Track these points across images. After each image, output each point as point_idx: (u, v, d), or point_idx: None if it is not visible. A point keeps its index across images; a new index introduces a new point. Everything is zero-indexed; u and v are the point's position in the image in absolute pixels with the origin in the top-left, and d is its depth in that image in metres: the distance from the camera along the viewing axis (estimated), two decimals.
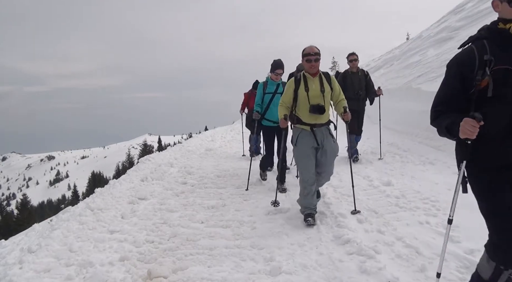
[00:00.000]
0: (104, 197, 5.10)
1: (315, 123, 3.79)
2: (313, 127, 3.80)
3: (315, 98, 3.76)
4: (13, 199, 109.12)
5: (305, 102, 3.78)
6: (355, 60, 6.50)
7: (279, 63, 5.31)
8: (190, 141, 12.70)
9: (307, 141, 3.81)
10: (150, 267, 3.05)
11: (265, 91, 5.40)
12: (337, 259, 3.01)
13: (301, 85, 3.80)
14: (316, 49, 3.71)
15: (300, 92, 3.80)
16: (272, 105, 5.31)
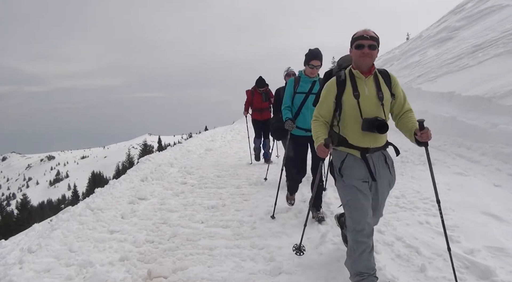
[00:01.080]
0: (104, 197, 5.10)
1: (368, 146, 2.51)
2: (365, 152, 2.52)
3: (371, 108, 2.47)
4: (13, 199, 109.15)
5: (354, 114, 2.49)
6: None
7: (315, 53, 3.89)
8: (190, 141, 12.71)
9: (357, 172, 2.52)
10: (150, 267, 3.05)
11: (297, 90, 4.03)
12: (337, 259, 3.01)
13: (347, 88, 2.52)
14: (372, 32, 2.47)
15: (346, 99, 2.50)
16: (305, 109, 3.99)
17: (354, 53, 2.50)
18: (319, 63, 3.90)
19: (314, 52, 3.90)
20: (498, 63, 7.69)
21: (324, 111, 2.62)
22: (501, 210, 3.60)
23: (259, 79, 7.58)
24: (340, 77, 2.57)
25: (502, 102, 5.86)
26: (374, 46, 2.43)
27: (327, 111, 2.61)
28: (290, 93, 4.08)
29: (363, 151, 2.51)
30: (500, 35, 9.01)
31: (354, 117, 2.48)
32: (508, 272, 2.59)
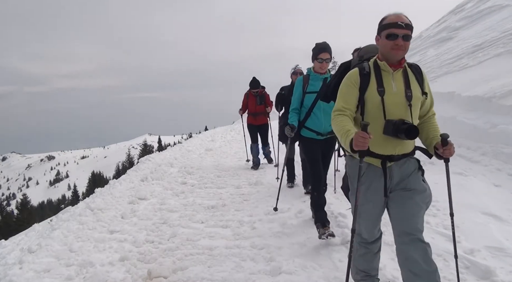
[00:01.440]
0: (104, 197, 5.10)
1: (392, 153, 2.09)
2: (387, 160, 2.10)
3: (397, 108, 2.06)
4: (13, 199, 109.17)
5: (376, 114, 2.08)
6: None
7: (323, 45, 3.49)
8: (190, 141, 12.71)
9: (377, 187, 2.13)
10: (150, 267, 3.05)
11: (306, 89, 3.60)
12: (337, 259, 3.01)
13: (371, 83, 2.09)
14: (407, 19, 2.03)
15: (370, 95, 2.08)
16: (317, 109, 3.55)
17: (383, 44, 2.05)
18: (329, 56, 3.49)
19: (321, 44, 3.51)
20: (498, 63, 7.68)
21: (350, 102, 2.12)
22: (501, 210, 3.60)
23: (252, 80, 6.99)
24: (363, 69, 2.12)
25: (502, 102, 5.86)
26: (409, 36, 2.00)
27: (353, 104, 2.12)
28: (299, 93, 3.63)
29: (384, 159, 2.09)
30: (500, 35, 9.00)
31: (376, 118, 2.06)
32: (508, 272, 2.59)
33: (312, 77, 3.62)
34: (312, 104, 3.57)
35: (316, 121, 3.57)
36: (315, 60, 3.54)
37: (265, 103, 6.97)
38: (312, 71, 3.64)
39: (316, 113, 3.57)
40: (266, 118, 7.10)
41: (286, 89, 5.14)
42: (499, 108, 5.84)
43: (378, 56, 2.14)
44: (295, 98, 3.66)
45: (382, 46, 2.07)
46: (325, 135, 3.58)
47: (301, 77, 3.71)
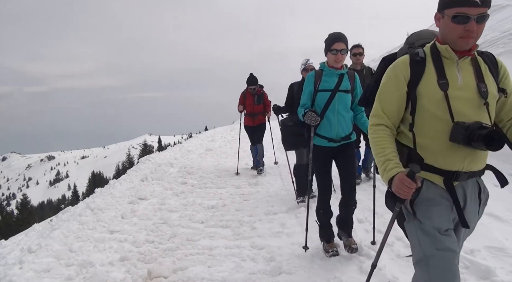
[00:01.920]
0: (104, 197, 5.10)
1: (458, 169, 1.57)
2: (453, 178, 1.58)
3: (467, 107, 1.55)
4: (13, 199, 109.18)
5: (438, 114, 1.56)
6: (360, 54, 4.87)
7: (337, 34, 2.96)
8: (190, 141, 12.71)
9: (440, 211, 1.58)
10: (150, 267, 3.05)
11: (318, 87, 3.03)
12: (338, 260, 3.01)
13: (427, 73, 1.59)
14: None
15: (426, 89, 1.58)
16: (330, 112, 3.00)
17: (449, 28, 1.50)
18: (344, 46, 2.93)
19: (335, 34, 2.96)
20: None
21: (390, 107, 1.64)
22: (501, 210, 3.60)
23: (249, 77, 6.44)
24: (416, 55, 1.61)
25: None
26: (485, 16, 1.45)
27: (395, 108, 1.64)
28: (310, 91, 3.08)
29: (448, 176, 1.56)
30: (500, 35, 9.00)
31: (437, 120, 1.55)
32: (508, 272, 2.59)
33: (326, 72, 3.04)
34: (325, 104, 2.99)
35: (327, 125, 3.01)
36: (329, 52, 2.96)
37: (263, 103, 6.52)
38: (325, 65, 3.06)
39: (328, 116, 3.00)
40: (264, 118, 6.66)
41: (296, 85, 4.60)
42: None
43: (437, 38, 1.62)
44: (306, 96, 3.09)
45: (448, 31, 1.51)
46: (338, 142, 3.02)
47: (313, 72, 3.14)
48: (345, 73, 3.03)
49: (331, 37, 2.96)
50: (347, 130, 3.05)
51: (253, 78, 6.43)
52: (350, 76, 3.07)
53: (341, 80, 2.99)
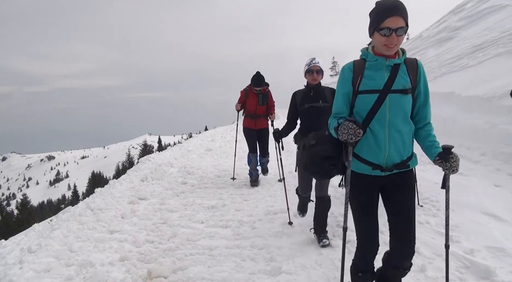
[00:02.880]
0: (104, 197, 5.10)
1: None
2: None
3: None
4: (13, 199, 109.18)
5: None
6: None
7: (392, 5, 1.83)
8: (190, 141, 12.71)
9: None
10: (150, 267, 3.05)
11: (359, 86, 1.99)
12: (337, 259, 3.01)
13: None
14: None
15: None
16: (377, 123, 1.95)
17: None
18: (403, 23, 1.80)
19: (387, 3, 1.83)
20: (498, 63, 7.68)
21: None
22: (501, 210, 3.60)
23: (255, 76, 5.49)
24: None
25: (502, 102, 5.86)
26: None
27: None
28: (346, 93, 2.01)
29: None
30: (500, 35, 9.00)
31: None
32: (508, 272, 2.59)
33: (370, 64, 1.95)
34: (370, 113, 1.92)
35: (373, 144, 1.95)
36: (377, 32, 1.84)
37: (267, 103, 5.67)
38: (369, 52, 1.97)
39: (374, 129, 1.93)
40: (267, 121, 5.76)
41: (300, 95, 3.50)
42: (499, 108, 5.83)
43: None
44: (339, 101, 2.04)
45: None
46: (389, 170, 1.95)
47: (350, 64, 2.02)
48: (401, 63, 1.92)
49: (381, 7, 1.84)
50: (404, 152, 1.94)
51: (259, 78, 5.47)
52: (410, 66, 1.95)
53: (395, 75, 1.90)
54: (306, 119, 3.43)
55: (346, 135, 1.86)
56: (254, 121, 5.71)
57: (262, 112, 5.70)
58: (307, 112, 3.39)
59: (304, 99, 3.40)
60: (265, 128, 5.77)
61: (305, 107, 3.38)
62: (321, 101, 3.34)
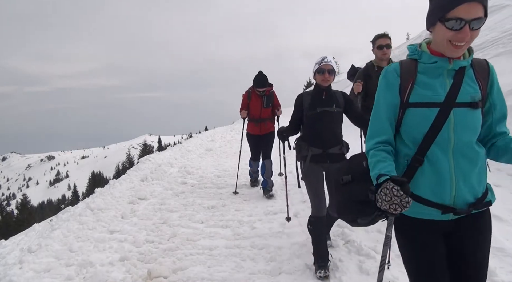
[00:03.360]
0: (104, 197, 5.10)
1: None
2: None
3: None
4: (13, 199, 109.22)
5: None
6: (388, 46, 3.55)
7: None
8: (190, 141, 12.71)
9: None
10: (150, 267, 3.05)
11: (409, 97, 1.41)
12: (337, 259, 3.01)
13: None
14: None
15: None
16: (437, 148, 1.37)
17: None
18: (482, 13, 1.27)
19: None
20: (498, 63, 7.69)
21: None
22: (501, 210, 3.60)
23: (258, 76, 5.07)
24: None
25: None
26: None
27: None
28: (391, 105, 1.48)
29: None
30: (500, 35, 9.00)
31: None
32: (508, 272, 2.59)
33: (426, 67, 1.44)
34: (428, 136, 1.39)
35: (433, 178, 1.40)
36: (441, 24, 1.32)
37: (272, 105, 5.25)
38: (425, 51, 1.45)
39: (434, 157, 1.40)
40: (273, 125, 5.36)
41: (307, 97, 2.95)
42: None
43: None
44: (382, 118, 1.49)
45: None
46: (462, 212, 1.40)
47: (396, 66, 1.52)
48: (467, 66, 1.42)
49: None
50: (478, 187, 1.40)
51: (262, 78, 5.06)
52: (479, 70, 1.46)
53: (460, 82, 1.40)
54: (316, 125, 2.88)
55: (387, 204, 1.28)
56: (259, 126, 5.24)
57: (267, 115, 5.24)
58: (319, 117, 2.85)
59: (315, 103, 2.88)
60: (271, 132, 5.34)
61: (316, 112, 2.84)
62: (334, 105, 2.85)
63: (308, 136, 2.95)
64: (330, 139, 2.86)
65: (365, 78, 3.64)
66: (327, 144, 2.85)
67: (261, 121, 5.23)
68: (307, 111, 2.91)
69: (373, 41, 3.65)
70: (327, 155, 2.84)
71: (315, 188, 2.86)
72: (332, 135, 2.87)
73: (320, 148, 2.85)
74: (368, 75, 3.65)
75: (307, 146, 2.90)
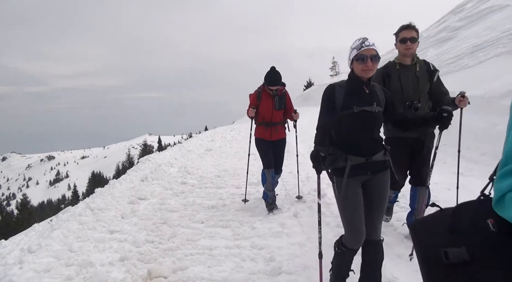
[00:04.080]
0: (104, 197, 5.10)
1: None
2: None
3: None
4: (13, 199, 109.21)
5: None
6: (413, 39, 3.05)
7: None
8: (190, 141, 12.71)
9: None
10: (150, 267, 3.05)
11: None
12: None
13: None
14: None
15: None
16: None
17: None
18: None
19: None
20: (498, 63, 7.68)
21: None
22: None
23: (271, 72, 4.34)
24: None
25: (502, 102, 5.86)
26: None
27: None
28: None
29: None
30: (500, 35, 9.00)
31: None
32: None
33: None
34: None
35: None
36: None
37: (285, 107, 4.52)
38: None
39: None
40: (285, 131, 4.67)
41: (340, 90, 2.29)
42: (499, 108, 5.83)
43: None
44: None
45: None
46: None
47: None
48: None
49: None
50: None
51: (275, 74, 4.33)
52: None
53: None
54: (353, 129, 2.23)
55: None
56: (269, 130, 4.48)
57: (279, 119, 4.50)
58: (356, 119, 2.20)
59: (351, 99, 2.23)
60: (283, 138, 4.60)
61: (354, 112, 2.20)
62: (375, 103, 2.24)
63: (341, 142, 2.27)
64: (372, 144, 2.26)
65: (383, 77, 3.16)
66: (369, 151, 2.23)
67: (272, 125, 4.47)
68: (340, 109, 2.25)
69: (396, 34, 3.16)
70: (370, 164, 2.23)
71: (357, 215, 2.21)
72: (373, 140, 2.28)
73: (362, 155, 2.21)
74: (387, 74, 3.15)
75: (344, 155, 2.22)
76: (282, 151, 4.64)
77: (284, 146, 4.68)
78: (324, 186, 5.16)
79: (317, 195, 2.37)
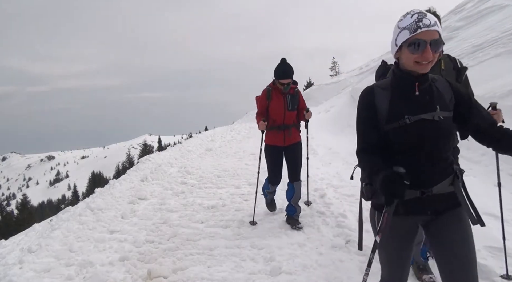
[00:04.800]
0: (104, 197, 5.10)
1: None
2: None
3: None
4: (13, 199, 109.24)
5: None
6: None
7: None
8: (190, 141, 12.71)
9: None
10: (150, 267, 3.05)
11: None
12: (337, 259, 3.01)
13: None
14: None
15: None
16: None
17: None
18: None
19: None
20: (498, 63, 7.68)
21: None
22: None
23: (281, 65, 3.77)
24: None
25: (502, 102, 5.86)
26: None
27: None
28: None
29: None
30: (500, 35, 9.00)
31: None
32: (508, 272, 2.59)
33: None
34: None
35: None
36: None
37: (298, 108, 3.95)
38: None
39: None
40: (299, 135, 4.03)
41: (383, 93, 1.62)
42: (499, 108, 5.82)
43: None
44: None
45: None
46: None
47: None
48: None
49: None
50: None
51: (286, 66, 3.76)
52: None
53: None
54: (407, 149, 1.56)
55: None
56: (282, 134, 3.89)
57: (292, 120, 3.92)
58: (410, 132, 1.53)
59: (399, 105, 1.57)
60: (298, 142, 3.97)
61: (404, 124, 1.53)
62: (438, 107, 1.55)
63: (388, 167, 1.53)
64: (433, 169, 1.55)
65: None
66: (429, 180, 1.55)
67: (285, 128, 3.88)
68: (385, 122, 1.57)
69: None
70: (429, 200, 1.56)
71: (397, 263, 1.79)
72: (436, 162, 1.56)
73: (416, 187, 1.52)
74: None
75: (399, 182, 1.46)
76: (298, 156, 3.96)
77: (301, 151, 4.00)
78: (324, 186, 5.17)
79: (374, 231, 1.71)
